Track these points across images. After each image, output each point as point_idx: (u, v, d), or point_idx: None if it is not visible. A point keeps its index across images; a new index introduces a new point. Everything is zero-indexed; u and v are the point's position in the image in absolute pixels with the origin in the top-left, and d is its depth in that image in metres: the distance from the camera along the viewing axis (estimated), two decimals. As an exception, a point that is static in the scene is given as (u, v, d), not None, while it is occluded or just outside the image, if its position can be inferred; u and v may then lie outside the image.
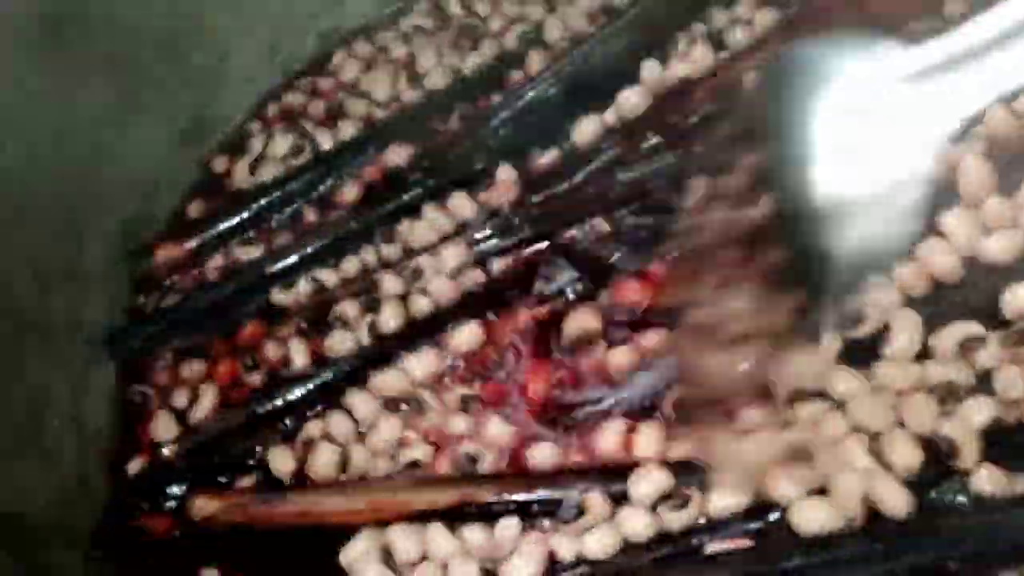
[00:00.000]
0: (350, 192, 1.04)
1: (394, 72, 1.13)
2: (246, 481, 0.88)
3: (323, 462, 0.86)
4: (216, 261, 1.03)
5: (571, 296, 0.91)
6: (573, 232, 0.95)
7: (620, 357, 0.86)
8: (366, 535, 0.81)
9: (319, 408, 0.90)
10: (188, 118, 1.10)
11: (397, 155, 1.04)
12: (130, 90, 1.02)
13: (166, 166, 1.09)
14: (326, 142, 1.09)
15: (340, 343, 0.92)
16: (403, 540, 0.80)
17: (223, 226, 1.04)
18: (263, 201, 1.04)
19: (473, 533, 0.80)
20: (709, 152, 0.80)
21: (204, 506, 0.85)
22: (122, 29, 1.00)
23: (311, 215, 1.05)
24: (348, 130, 1.09)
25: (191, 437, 0.91)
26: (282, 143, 1.09)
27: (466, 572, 0.78)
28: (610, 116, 1.00)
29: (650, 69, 1.00)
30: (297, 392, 0.90)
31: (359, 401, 0.89)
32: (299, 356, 0.93)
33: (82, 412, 0.95)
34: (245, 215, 1.04)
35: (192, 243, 1.03)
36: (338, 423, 0.88)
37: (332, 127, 1.10)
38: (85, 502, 0.88)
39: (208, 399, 0.93)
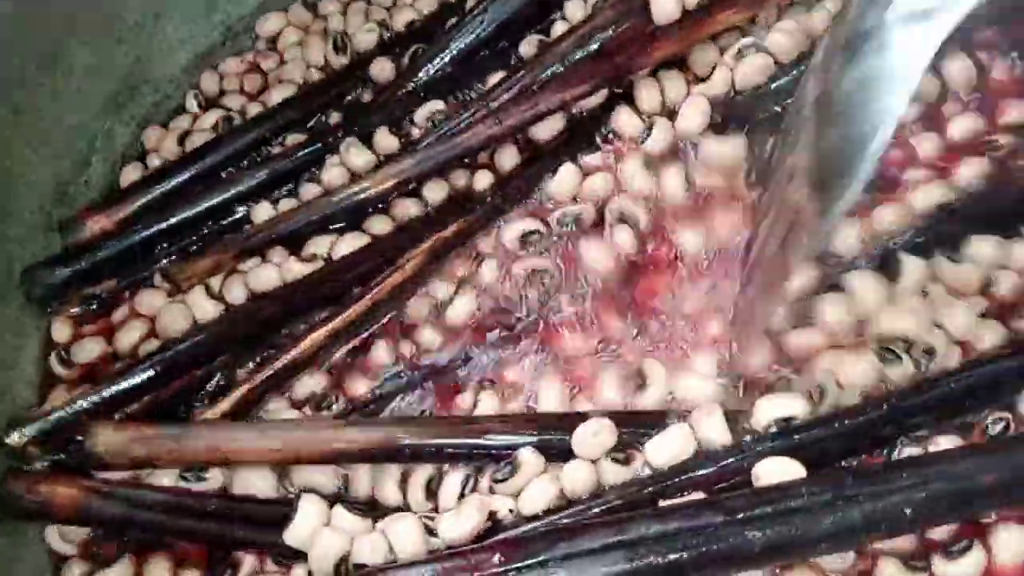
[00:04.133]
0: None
1: (326, 38, 1.10)
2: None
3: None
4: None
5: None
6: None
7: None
8: (305, 510, 0.77)
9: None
10: (121, 78, 1.05)
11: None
12: (56, 44, 0.98)
13: (98, 129, 1.04)
14: (255, 109, 1.07)
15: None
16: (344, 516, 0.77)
17: (153, 195, 0.99)
18: (192, 171, 1.01)
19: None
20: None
21: (106, 438, 0.79)
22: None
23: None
24: (281, 94, 1.07)
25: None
26: (212, 115, 1.07)
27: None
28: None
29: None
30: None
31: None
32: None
33: (10, 385, 0.91)
34: (174, 183, 1.00)
35: (122, 214, 0.98)
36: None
37: (264, 92, 1.09)
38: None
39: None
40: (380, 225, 0.94)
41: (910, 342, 0.78)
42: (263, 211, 0.97)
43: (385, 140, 0.98)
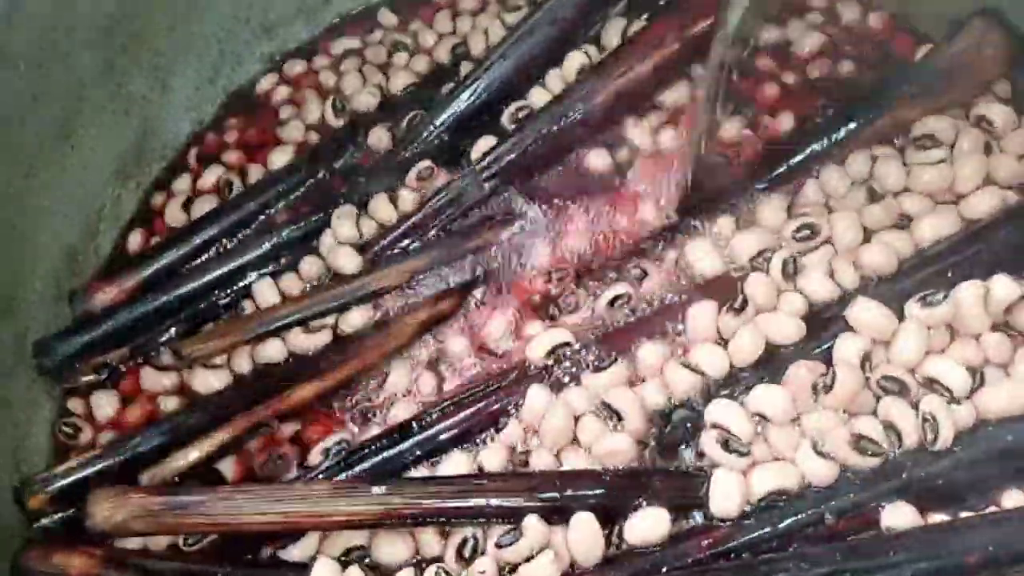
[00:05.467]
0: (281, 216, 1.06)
1: (323, 98, 1.13)
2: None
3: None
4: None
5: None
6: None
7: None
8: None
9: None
10: (128, 147, 1.08)
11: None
12: (66, 118, 1.00)
13: (107, 196, 1.07)
14: (257, 174, 1.09)
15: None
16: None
17: (160, 265, 1.02)
18: (199, 239, 1.04)
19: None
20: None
21: (105, 514, 0.81)
22: (59, 54, 0.98)
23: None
24: (282, 157, 1.09)
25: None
26: (212, 177, 1.09)
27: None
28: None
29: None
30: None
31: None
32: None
33: (25, 454, 0.94)
34: (182, 252, 1.03)
35: (130, 284, 1.01)
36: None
37: (265, 157, 1.10)
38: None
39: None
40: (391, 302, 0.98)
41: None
42: (267, 288, 1.00)
43: (383, 208, 1.02)
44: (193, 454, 0.90)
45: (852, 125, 0.95)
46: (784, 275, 0.90)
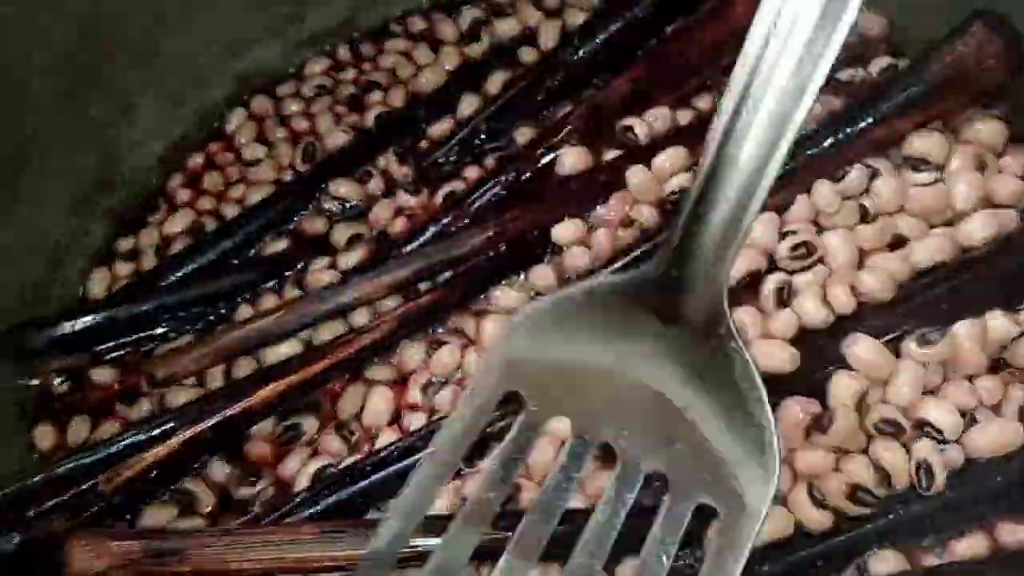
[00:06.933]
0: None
1: (292, 136, 1.11)
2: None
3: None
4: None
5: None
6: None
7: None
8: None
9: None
10: (93, 175, 1.05)
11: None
12: (24, 147, 0.97)
13: (72, 227, 1.04)
14: (230, 212, 1.07)
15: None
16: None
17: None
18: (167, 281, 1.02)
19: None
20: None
21: (92, 562, 0.78)
22: (13, 81, 0.95)
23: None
24: (254, 196, 1.07)
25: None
26: (183, 221, 1.07)
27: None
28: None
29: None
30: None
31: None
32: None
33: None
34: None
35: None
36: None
37: (239, 195, 1.08)
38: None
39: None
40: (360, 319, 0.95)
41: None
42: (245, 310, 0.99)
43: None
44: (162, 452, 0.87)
45: (844, 134, 0.90)
46: (777, 301, 0.86)
